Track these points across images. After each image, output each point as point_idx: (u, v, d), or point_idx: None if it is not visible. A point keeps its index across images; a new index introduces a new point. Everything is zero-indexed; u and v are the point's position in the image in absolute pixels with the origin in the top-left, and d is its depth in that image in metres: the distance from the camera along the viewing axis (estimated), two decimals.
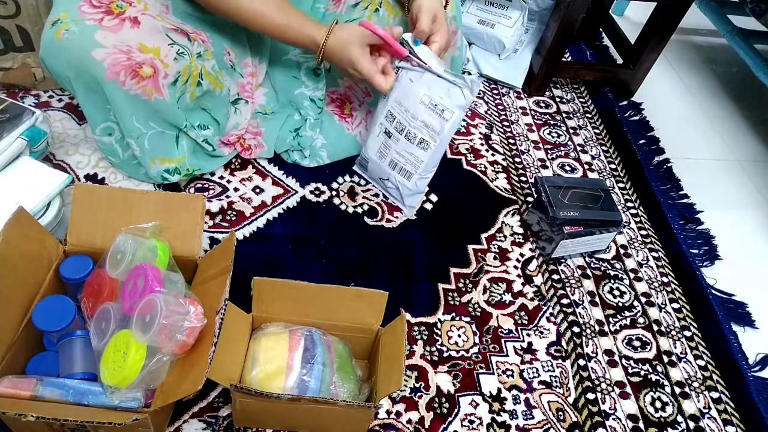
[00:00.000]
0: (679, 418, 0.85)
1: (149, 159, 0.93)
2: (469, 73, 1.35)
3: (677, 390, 0.88)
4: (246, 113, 1.04)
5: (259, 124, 1.06)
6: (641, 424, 0.83)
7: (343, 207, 1.03)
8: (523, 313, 0.93)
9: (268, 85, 1.08)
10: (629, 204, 1.16)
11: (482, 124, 1.25)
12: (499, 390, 0.83)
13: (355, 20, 0.99)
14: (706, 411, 0.86)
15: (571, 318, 0.94)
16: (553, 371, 0.87)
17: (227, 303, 0.68)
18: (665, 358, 0.92)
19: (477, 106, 1.29)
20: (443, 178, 1.11)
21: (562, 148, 1.25)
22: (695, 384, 0.89)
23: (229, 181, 1.02)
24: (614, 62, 1.52)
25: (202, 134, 0.96)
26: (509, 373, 0.85)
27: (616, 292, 0.99)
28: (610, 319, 0.95)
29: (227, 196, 1.00)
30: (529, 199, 1.11)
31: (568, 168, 1.21)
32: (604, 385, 0.86)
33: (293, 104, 1.08)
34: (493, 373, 0.85)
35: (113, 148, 0.95)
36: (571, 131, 1.30)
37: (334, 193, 1.05)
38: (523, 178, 1.16)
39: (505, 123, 1.28)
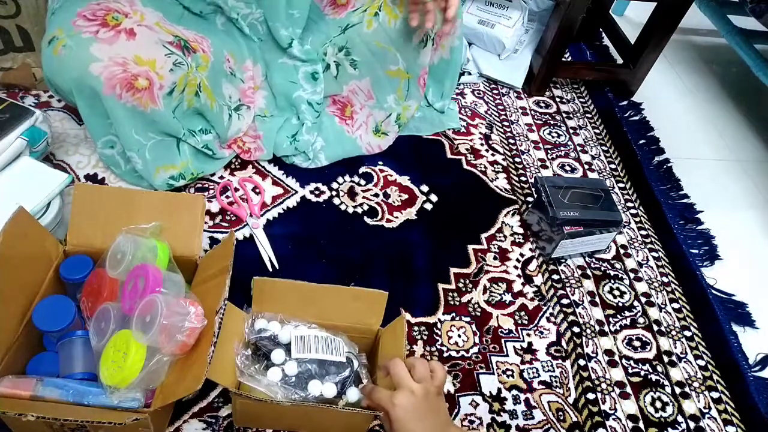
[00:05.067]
0: (680, 418, 0.85)
1: (153, 169, 0.93)
2: (469, 73, 1.35)
3: (677, 390, 0.88)
4: (248, 118, 1.04)
5: (258, 127, 1.06)
6: (641, 424, 0.83)
7: (343, 207, 1.03)
8: (523, 313, 0.93)
9: (266, 88, 1.08)
10: (629, 204, 1.16)
11: (482, 124, 1.25)
12: (499, 390, 0.83)
13: (354, 25, 0.98)
14: (706, 411, 0.86)
15: (571, 318, 0.94)
16: (553, 371, 0.87)
17: (227, 303, 0.68)
18: (665, 358, 0.92)
19: (477, 106, 1.29)
20: (443, 178, 1.11)
21: (562, 148, 1.25)
22: (695, 384, 0.89)
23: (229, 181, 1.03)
24: (614, 62, 1.52)
25: (203, 140, 0.97)
26: (509, 373, 0.85)
27: (616, 292, 0.99)
28: (610, 319, 0.95)
29: (227, 197, 1.00)
30: (529, 199, 1.11)
31: (568, 168, 1.21)
32: (604, 385, 0.86)
33: (292, 107, 1.08)
34: (493, 373, 0.85)
35: (115, 159, 0.95)
36: (571, 131, 1.30)
37: (334, 193, 1.04)
38: (523, 178, 1.16)
39: (505, 123, 1.27)
